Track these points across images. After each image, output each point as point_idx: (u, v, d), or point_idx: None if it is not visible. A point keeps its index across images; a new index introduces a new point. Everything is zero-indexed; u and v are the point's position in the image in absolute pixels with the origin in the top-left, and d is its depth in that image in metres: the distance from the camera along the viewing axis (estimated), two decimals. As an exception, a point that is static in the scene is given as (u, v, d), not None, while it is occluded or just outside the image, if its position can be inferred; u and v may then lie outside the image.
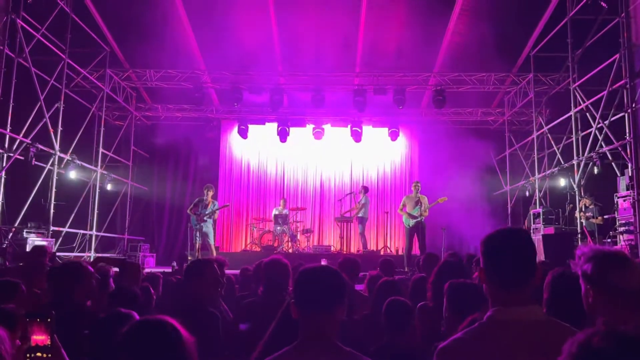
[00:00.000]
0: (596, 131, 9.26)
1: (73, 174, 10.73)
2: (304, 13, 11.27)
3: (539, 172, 11.81)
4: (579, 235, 9.28)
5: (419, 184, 10.43)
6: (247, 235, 13.59)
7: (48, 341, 1.65)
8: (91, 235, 11.30)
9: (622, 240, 8.30)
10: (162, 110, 14.13)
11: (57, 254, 8.59)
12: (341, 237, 12.06)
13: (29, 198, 9.10)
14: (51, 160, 9.73)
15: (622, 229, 8.38)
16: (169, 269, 8.28)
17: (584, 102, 9.79)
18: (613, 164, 9.14)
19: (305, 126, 13.97)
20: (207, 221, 9.90)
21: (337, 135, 14.24)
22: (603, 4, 8.72)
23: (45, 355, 1.64)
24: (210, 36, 11.50)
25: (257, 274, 3.80)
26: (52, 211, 9.53)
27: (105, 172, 12.25)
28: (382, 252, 12.56)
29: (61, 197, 10.17)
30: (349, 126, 13.73)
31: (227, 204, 12.64)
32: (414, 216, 10.04)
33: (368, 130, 13.95)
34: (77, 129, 11.06)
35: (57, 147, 9.78)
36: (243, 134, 13.89)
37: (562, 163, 10.76)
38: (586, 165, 9.58)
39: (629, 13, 8.58)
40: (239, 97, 12.63)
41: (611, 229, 8.92)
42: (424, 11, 11.15)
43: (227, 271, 4.07)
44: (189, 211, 10.10)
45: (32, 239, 8.57)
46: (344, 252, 11.42)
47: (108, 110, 12.85)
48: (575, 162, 9.95)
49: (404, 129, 14.32)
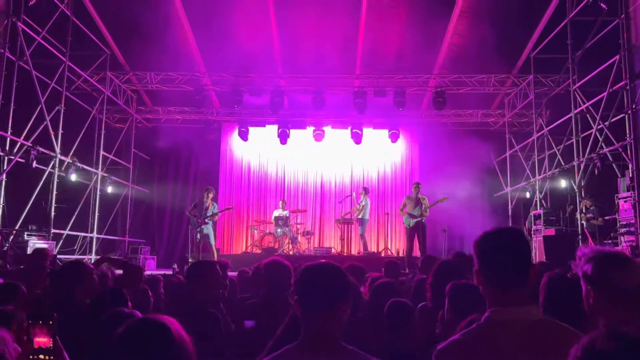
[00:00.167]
0: (596, 132, 9.26)
1: (74, 177, 10.74)
2: (304, 15, 11.28)
3: (539, 174, 11.81)
4: (580, 237, 9.27)
5: (420, 185, 10.43)
6: (248, 237, 13.59)
7: (50, 343, 1.65)
8: (92, 238, 11.32)
9: (623, 242, 8.28)
10: (163, 113, 14.14)
11: (58, 256, 8.60)
12: (342, 239, 12.02)
13: (30, 201, 9.11)
14: (52, 163, 9.75)
15: (622, 230, 8.37)
16: (169, 272, 8.28)
17: (584, 103, 9.79)
18: (614, 165, 9.14)
19: (306, 128, 13.95)
20: (208, 223, 9.91)
21: (337, 137, 14.23)
22: (603, 6, 8.70)
23: (47, 357, 1.65)
24: (211, 38, 11.50)
25: (256, 276, 3.80)
26: (52, 214, 9.55)
27: (106, 174, 12.27)
28: (382, 254, 12.56)
29: (62, 200, 10.19)
30: (349, 128, 13.72)
31: (231, 207, 12.64)
32: (414, 216, 10.04)
33: (368, 132, 13.93)
34: (78, 131, 11.08)
35: (57, 149, 9.80)
36: (243, 136, 13.89)
37: (563, 164, 10.76)
38: (587, 166, 9.58)
39: (628, 14, 8.58)
40: (239, 99, 12.64)
41: (612, 230, 8.89)
42: (423, 13, 11.16)
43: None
44: (189, 213, 10.11)
45: (33, 241, 8.55)
46: (345, 254, 11.41)
47: (108, 112, 12.88)
48: (575, 163, 9.95)
49: (404, 130, 14.33)
